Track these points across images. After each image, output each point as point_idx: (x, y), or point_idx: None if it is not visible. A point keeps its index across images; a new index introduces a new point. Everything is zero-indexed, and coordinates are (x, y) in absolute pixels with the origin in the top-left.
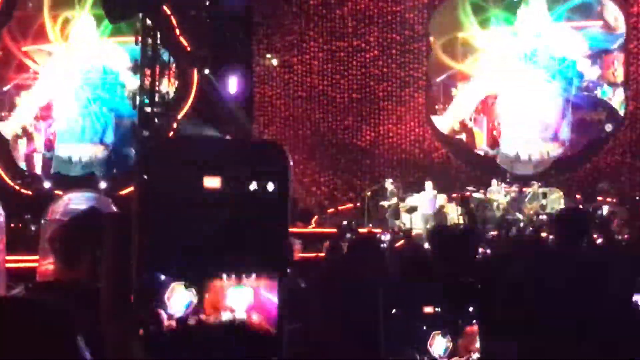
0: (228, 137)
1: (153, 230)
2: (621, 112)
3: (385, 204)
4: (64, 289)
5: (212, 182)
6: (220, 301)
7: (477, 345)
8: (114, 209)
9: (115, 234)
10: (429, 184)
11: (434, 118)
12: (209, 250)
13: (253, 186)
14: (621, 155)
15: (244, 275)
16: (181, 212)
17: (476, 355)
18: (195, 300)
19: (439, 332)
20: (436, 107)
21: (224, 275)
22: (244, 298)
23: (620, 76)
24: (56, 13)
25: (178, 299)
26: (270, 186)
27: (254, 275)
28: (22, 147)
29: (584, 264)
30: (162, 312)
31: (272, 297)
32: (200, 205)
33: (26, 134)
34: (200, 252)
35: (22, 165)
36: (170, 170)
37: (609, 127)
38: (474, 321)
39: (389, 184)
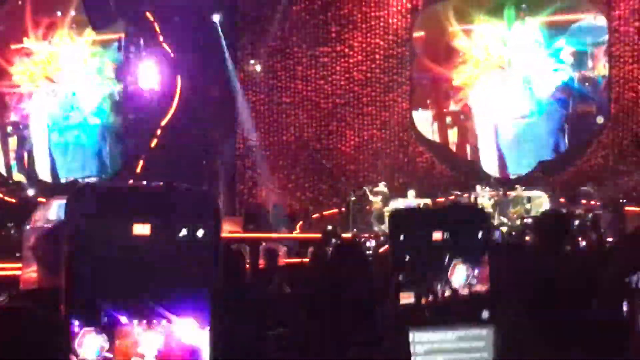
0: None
1: (79, 276)
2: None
3: (373, 200)
4: (47, 297)
5: (141, 229)
6: (131, 347)
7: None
8: None
9: None
10: (411, 192)
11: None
12: (125, 296)
13: (183, 232)
14: (604, 158)
15: (154, 321)
16: (108, 258)
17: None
18: (106, 346)
19: (460, 260)
20: (427, 101)
21: (135, 321)
22: (155, 344)
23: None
24: (38, 18)
25: (89, 345)
26: (200, 232)
27: (164, 321)
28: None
29: (560, 268)
30: (74, 359)
31: (185, 343)
32: (129, 252)
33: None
34: (116, 298)
35: (2, 170)
36: (99, 217)
37: (600, 120)
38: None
39: (382, 186)
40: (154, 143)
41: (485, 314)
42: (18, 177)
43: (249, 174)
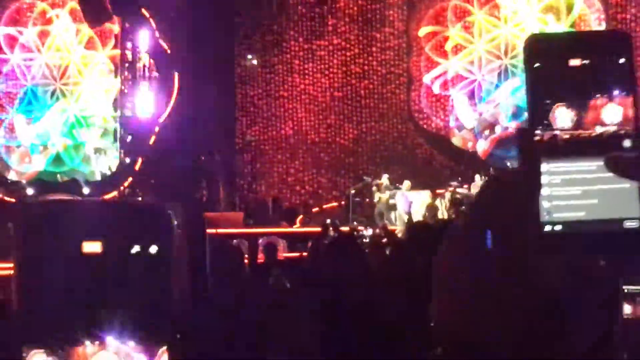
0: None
1: (29, 296)
2: None
3: (380, 195)
4: None
5: (91, 246)
6: None
7: (604, 118)
8: None
9: None
10: (406, 183)
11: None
12: (77, 316)
13: (135, 249)
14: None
15: (108, 341)
16: (58, 277)
17: (602, 128)
18: None
19: (563, 104)
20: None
21: (87, 342)
22: None
23: None
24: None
25: None
26: (153, 248)
27: (117, 341)
28: None
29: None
30: None
31: None
32: (80, 270)
33: None
34: (68, 318)
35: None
36: (48, 235)
37: None
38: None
39: (385, 179)
40: (152, 140)
41: (627, 143)
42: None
43: (248, 169)
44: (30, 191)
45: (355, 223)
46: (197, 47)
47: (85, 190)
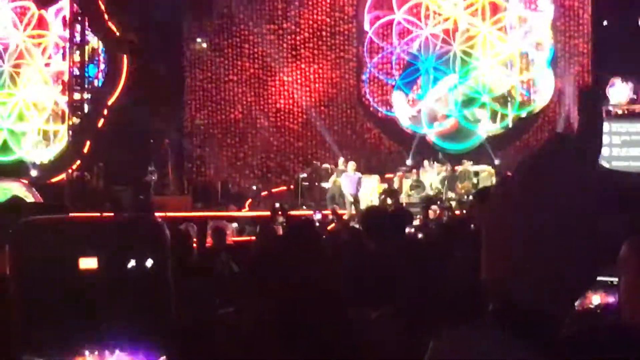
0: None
1: (28, 311)
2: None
3: (333, 179)
4: None
5: (88, 262)
6: None
7: None
8: (39, 197)
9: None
10: (351, 164)
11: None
12: (76, 328)
13: (131, 264)
14: (550, 132)
15: (107, 351)
16: (57, 292)
17: None
18: None
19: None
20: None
21: (86, 352)
22: None
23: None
24: None
25: None
26: (149, 262)
27: (117, 351)
28: None
29: None
30: None
31: None
32: (78, 285)
33: None
34: (67, 330)
35: None
36: (45, 250)
37: None
38: None
39: (340, 162)
40: (100, 123)
41: None
42: None
43: (197, 153)
44: None
45: (304, 207)
46: (146, 29)
47: (33, 173)
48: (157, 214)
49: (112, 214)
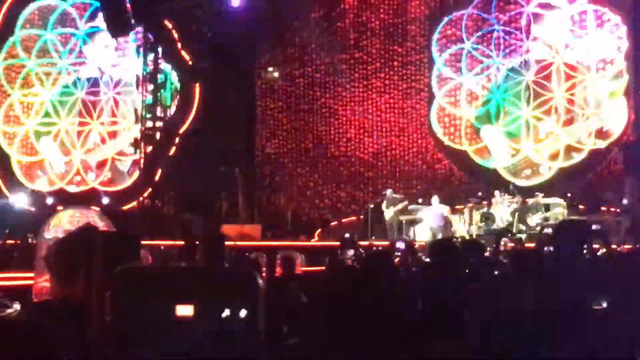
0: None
1: (124, 354)
2: None
3: (385, 210)
4: (57, 308)
5: (184, 310)
6: None
7: None
8: (111, 225)
9: (105, 251)
10: (435, 199)
11: None
12: None
13: (225, 313)
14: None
15: None
16: (152, 338)
17: None
18: None
19: None
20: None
21: None
22: None
23: None
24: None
25: None
26: (243, 312)
27: None
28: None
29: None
30: None
31: None
32: (173, 332)
33: None
34: None
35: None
36: (142, 298)
37: None
38: None
39: (389, 193)
40: (172, 151)
41: None
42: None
43: (267, 181)
44: (50, 200)
45: (373, 238)
46: (219, 59)
47: (105, 201)
48: (227, 243)
49: (183, 241)
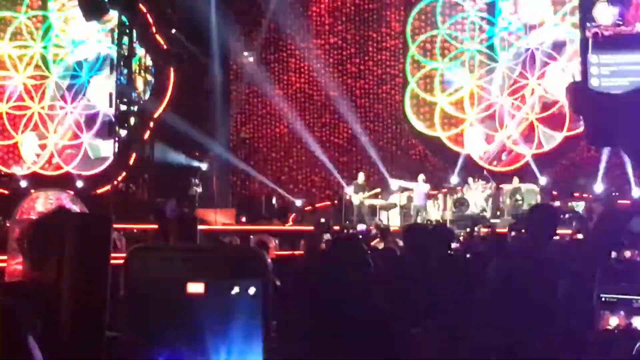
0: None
1: (136, 333)
2: None
3: (354, 198)
4: (29, 291)
5: (195, 287)
6: None
7: None
8: (84, 208)
9: (78, 234)
10: (421, 177)
11: None
12: (180, 351)
13: (235, 290)
14: (597, 151)
15: None
16: (163, 315)
17: None
18: None
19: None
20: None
21: None
22: None
23: None
24: None
25: None
26: (252, 290)
27: None
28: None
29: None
30: None
31: None
32: (183, 309)
33: None
34: (171, 353)
35: None
36: (156, 275)
37: None
38: None
39: (360, 178)
40: (147, 135)
41: None
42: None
43: (241, 166)
44: (23, 184)
45: (347, 222)
46: (193, 43)
47: (79, 184)
48: (200, 227)
49: (156, 225)
